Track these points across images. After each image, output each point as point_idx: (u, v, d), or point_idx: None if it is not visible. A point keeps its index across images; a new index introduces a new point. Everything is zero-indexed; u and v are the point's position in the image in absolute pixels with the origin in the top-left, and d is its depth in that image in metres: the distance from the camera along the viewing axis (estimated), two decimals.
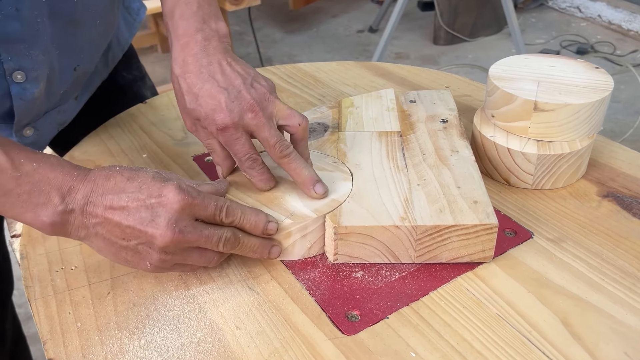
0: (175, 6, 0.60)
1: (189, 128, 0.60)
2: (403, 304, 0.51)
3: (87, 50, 0.70)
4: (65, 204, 0.47)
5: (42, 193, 0.47)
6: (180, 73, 0.58)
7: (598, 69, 0.66)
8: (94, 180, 0.48)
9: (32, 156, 0.47)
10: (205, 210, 0.49)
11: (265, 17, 3.35)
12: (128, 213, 0.48)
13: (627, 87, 2.43)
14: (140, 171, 0.50)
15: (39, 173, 0.47)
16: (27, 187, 0.46)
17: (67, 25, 0.64)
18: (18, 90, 0.62)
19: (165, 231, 0.47)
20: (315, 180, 0.57)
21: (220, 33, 0.60)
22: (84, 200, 0.47)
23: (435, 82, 0.88)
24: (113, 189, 0.48)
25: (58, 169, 0.48)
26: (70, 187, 0.47)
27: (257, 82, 0.58)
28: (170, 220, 0.47)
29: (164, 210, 0.48)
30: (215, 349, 0.48)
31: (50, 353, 0.48)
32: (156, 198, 0.48)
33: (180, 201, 0.48)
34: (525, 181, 0.65)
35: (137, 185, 0.48)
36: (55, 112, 0.71)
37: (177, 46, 0.59)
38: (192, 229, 0.49)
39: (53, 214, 0.47)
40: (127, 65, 0.89)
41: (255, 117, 0.55)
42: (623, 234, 0.58)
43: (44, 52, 0.62)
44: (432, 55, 2.82)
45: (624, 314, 0.49)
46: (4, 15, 0.56)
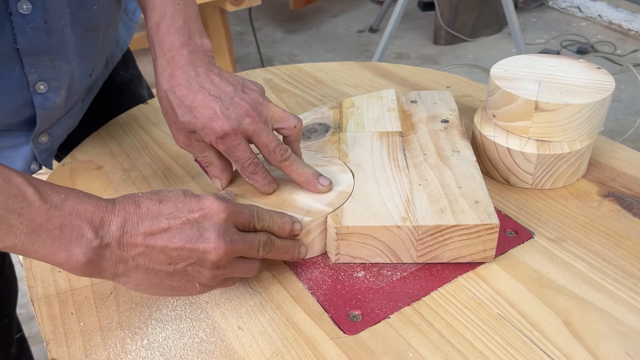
0: (161, 20, 0.60)
1: (182, 143, 0.58)
2: (404, 304, 0.51)
3: (100, 55, 0.71)
4: (100, 238, 0.43)
5: (74, 228, 0.42)
6: (168, 87, 0.57)
7: (600, 69, 0.67)
8: (124, 209, 0.45)
9: (57, 188, 0.44)
10: (242, 218, 0.48)
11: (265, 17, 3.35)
12: (172, 234, 0.45)
13: (627, 86, 2.43)
14: (167, 191, 0.48)
15: (68, 205, 0.43)
16: (57, 222, 0.42)
17: (86, 32, 0.64)
18: (40, 100, 0.62)
19: (218, 243, 0.45)
20: (317, 175, 0.58)
21: (205, 48, 0.60)
22: (120, 231, 0.44)
23: (436, 83, 0.89)
24: (147, 214, 0.45)
25: (86, 200, 0.44)
26: (102, 220, 0.44)
27: (248, 88, 0.58)
28: (220, 232, 0.46)
29: (210, 223, 0.46)
30: (218, 348, 0.48)
31: (53, 353, 0.48)
32: (199, 212, 0.46)
33: (225, 209, 0.46)
34: (525, 181, 0.65)
35: (172, 205, 0.46)
36: (67, 117, 0.72)
37: (163, 60, 0.59)
38: (238, 237, 0.47)
39: (88, 250, 0.43)
40: (124, 65, 0.89)
41: (253, 122, 0.55)
42: (624, 233, 0.58)
43: (67, 62, 0.62)
44: (433, 55, 2.83)
45: (625, 313, 0.49)
46: (32, 28, 0.56)
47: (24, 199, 0.41)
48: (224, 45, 2.22)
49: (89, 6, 0.63)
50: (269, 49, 2.98)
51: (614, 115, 2.26)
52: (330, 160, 0.63)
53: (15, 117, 0.63)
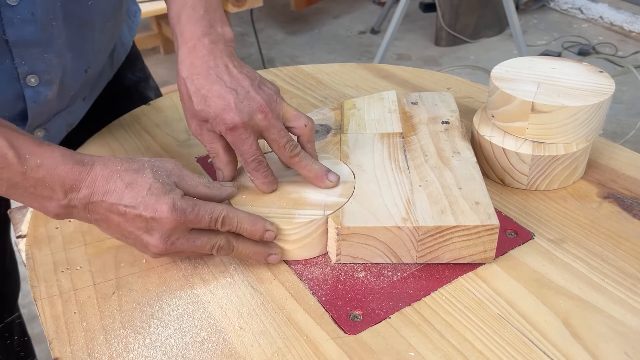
0: (182, 10, 0.61)
1: (194, 131, 0.60)
2: (405, 304, 0.51)
3: (97, 52, 0.71)
4: (68, 199, 0.49)
5: (47, 187, 0.49)
6: (187, 75, 0.58)
7: (602, 72, 0.67)
8: (95, 181, 0.50)
9: (36, 151, 0.49)
10: (199, 224, 0.51)
11: (267, 18, 3.36)
12: (126, 219, 0.50)
13: (629, 88, 2.43)
14: (140, 175, 0.51)
15: (42, 169, 0.48)
16: (32, 182, 0.48)
17: (80, 28, 0.65)
18: (31, 93, 0.62)
19: (158, 243, 0.50)
20: (326, 170, 0.59)
21: (227, 37, 0.61)
22: (86, 199, 0.50)
23: (437, 84, 0.89)
24: (112, 193, 0.50)
25: (61, 166, 0.49)
26: (72, 185, 0.49)
27: (264, 85, 0.59)
28: (163, 235, 0.50)
29: (157, 225, 0.50)
30: (219, 348, 0.48)
31: (56, 352, 0.48)
32: (151, 212, 0.49)
33: (173, 221, 0.50)
34: (520, 181, 0.65)
35: (133, 195, 0.50)
36: (65, 113, 0.72)
37: (184, 49, 0.60)
38: (184, 241, 0.51)
39: (57, 207, 0.50)
40: (132, 66, 0.90)
41: (265, 117, 0.56)
42: (624, 235, 0.58)
43: (58, 56, 0.63)
44: (434, 56, 2.83)
45: (624, 314, 0.49)
46: (20, 19, 0.57)
47: (5, 159, 0.48)
48: None
49: (83, 1, 0.63)
50: (271, 50, 2.98)
51: (615, 117, 2.26)
52: (319, 155, 0.63)
53: (7, 111, 0.63)
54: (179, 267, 0.57)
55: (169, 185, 0.51)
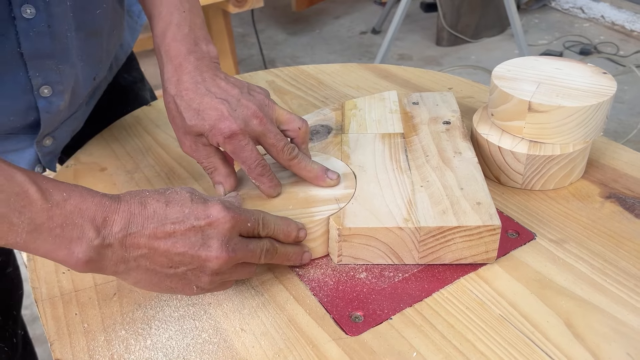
0: (167, 29, 0.61)
1: (188, 149, 0.59)
2: (406, 305, 0.51)
3: (104, 59, 0.71)
4: (101, 237, 0.43)
5: (76, 227, 0.43)
6: (176, 92, 0.58)
7: (605, 74, 0.66)
8: (128, 209, 0.45)
9: (60, 186, 0.44)
10: (246, 225, 0.49)
11: (268, 18, 3.36)
12: (176, 239, 0.45)
13: (630, 87, 2.43)
14: (174, 193, 0.47)
15: (70, 204, 0.43)
16: (59, 220, 0.42)
17: (89, 37, 0.65)
18: (45, 104, 0.62)
19: (220, 253, 0.46)
20: (325, 169, 0.59)
21: (211, 55, 0.61)
22: (123, 232, 0.44)
23: (438, 84, 0.89)
24: (153, 216, 0.45)
25: (89, 199, 0.44)
26: (104, 219, 0.44)
27: (253, 90, 0.59)
28: (223, 241, 0.46)
29: (215, 232, 0.46)
30: (220, 349, 0.48)
31: (57, 354, 0.48)
32: (204, 219, 0.46)
33: (231, 220, 0.47)
34: (515, 180, 0.65)
35: (179, 209, 0.46)
36: (71, 120, 0.72)
37: (170, 67, 0.59)
38: (241, 246, 0.48)
39: (88, 249, 0.43)
40: (128, 67, 0.90)
41: (260, 123, 0.56)
42: (626, 235, 0.58)
43: (71, 66, 0.63)
44: (435, 56, 2.83)
45: (626, 314, 0.49)
46: (35, 32, 0.57)
47: (26, 197, 0.41)
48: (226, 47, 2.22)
49: (92, 10, 0.63)
50: (272, 51, 2.98)
51: (616, 117, 2.26)
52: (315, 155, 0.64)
53: (20, 121, 0.63)
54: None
55: (207, 196, 0.49)
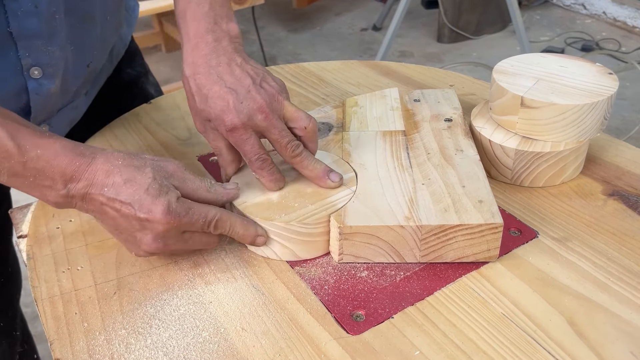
0: (187, 7, 0.61)
1: (199, 129, 0.60)
2: (408, 304, 0.51)
3: (98, 46, 0.71)
4: (67, 189, 0.50)
5: (47, 178, 0.50)
6: (190, 74, 0.58)
7: (611, 74, 0.65)
8: (94, 174, 0.50)
9: (37, 142, 0.49)
10: (192, 227, 0.52)
11: (269, 15, 3.35)
12: (120, 216, 0.51)
13: (632, 84, 2.42)
14: (139, 173, 0.51)
15: (42, 160, 0.49)
16: (33, 172, 0.49)
17: (81, 21, 0.65)
18: (34, 85, 0.63)
19: (151, 243, 0.51)
20: (328, 171, 0.58)
21: (232, 34, 0.60)
22: (84, 190, 0.50)
23: (440, 81, 0.88)
24: (110, 187, 0.50)
25: (61, 156, 0.50)
26: (72, 176, 0.50)
27: (267, 83, 0.58)
28: (157, 237, 0.51)
29: (151, 226, 0.50)
30: (221, 348, 0.48)
31: (57, 353, 0.48)
32: (145, 213, 0.50)
33: (166, 224, 0.50)
34: (504, 175, 0.65)
35: (131, 192, 0.50)
36: (68, 109, 0.73)
37: (188, 47, 0.60)
38: (176, 242, 0.52)
39: (57, 196, 0.50)
40: (131, 62, 0.90)
41: (265, 118, 0.56)
42: (629, 232, 0.58)
43: (61, 49, 0.63)
44: (436, 53, 2.82)
45: (629, 313, 0.49)
46: (23, 11, 0.58)
47: (5, 150, 0.48)
48: None
49: None
50: (273, 48, 2.97)
51: (619, 113, 2.25)
52: None
53: (11, 104, 0.63)
54: (181, 267, 0.56)
55: (167, 187, 0.51)
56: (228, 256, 0.57)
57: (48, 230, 0.62)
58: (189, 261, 0.57)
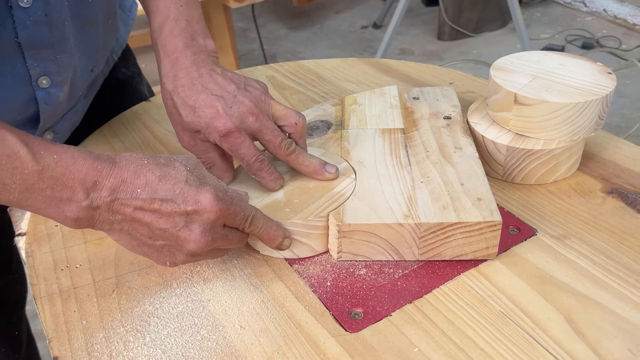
0: (164, 23, 0.61)
1: (186, 144, 0.59)
2: (406, 302, 0.51)
3: (101, 50, 0.71)
4: (90, 200, 0.45)
5: (66, 188, 0.44)
6: (172, 88, 0.58)
7: (610, 74, 0.65)
8: (121, 176, 0.46)
9: (51, 148, 0.45)
10: (234, 219, 0.50)
11: (268, 13, 3.35)
12: (160, 216, 0.46)
13: (633, 82, 2.42)
14: (171, 168, 0.48)
15: (60, 166, 0.44)
16: (49, 182, 0.44)
17: (85, 26, 0.64)
18: (43, 95, 0.62)
19: (199, 238, 0.47)
20: (323, 164, 0.59)
21: (209, 49, 0.61)
22: (111, 197, 0.45)
23: (439, 79, 0.88)
24: (144, 188, 0.46)
25: (80, 161, 0.45)
26: (94, 182, 0.45)
27: (250, 86, 0.58)
28: (205, 228, 0.47)
29: (200, 218, 0.47)
30: (219, 346, 0.48)
31: (56, 351, 0.48)
32: (192, 205, 0.46)
33: (218, 211, 0.47)
34: (496, 171, 0.65)
35: (170, 187, 0.46)
36: (71, 114, 0.72)
37: (167, 62, 0.59)
38: (221, 236, 0.49)
39: (77, 209, 0.45)
40: (125, 62, 0.90)
41: (256, 119, 0.56)
42: (628, 230, 0.58)
43: (69, 56, 0.62)
44: (437, 50, 2.82)
45: (628, 310, 0.49)
46: (33, 21, 0.56)
47: (17, 159, 0.43)
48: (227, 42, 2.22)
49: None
50: (273, 46, 2.97)
51: (618, 111, 2.25)
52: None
53: (19, 114, 0.63)
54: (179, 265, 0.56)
55: (204, 177, 0.49)
56: (226, 254, 0.57)
57: (47, 228, 0.62)
58: None
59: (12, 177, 0.43)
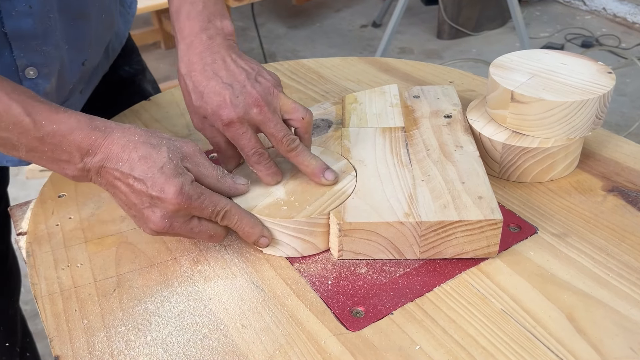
0: (181, 6, 0.61)
1: (197, 126, 0.60)
2: (407, 300, 0.51)
3: (94, 44, 0.71)
4: (83, 163, 0.51)
5: (64, 152, 0.51)
6: (186, 72, 0.59)
7: (610, 73, 0.65)
8: (110, 147, 0.51)
9: (53, 117, 0.50)
10: (201, 213, 0.52)
11: (268, 12, 3.35)
12: (132, 191, 0.51)
13: (632, 80, 2.42)
14: (155, 151, 0.51)
15: (58, 135, 0.50)
16: (50, 146, 0.50)
17: (76, 20, 0.65)
18: (30, 85, 0.63)
19: (159, 221, 0.51)
20: (324, 168, 0.58)
21: (226, 31, 0.61)
22: (100, 164, 0.51)
23: (439, 77, 0.88)
24: (125, 162, 0.51)
25: (77, 131, 0.50)
26: (88, 149, 0.51)
27: (262, 77, 0.58)
28: (165, 215, 0.51)
29: (161, 205, 0.50)
30: (221, 345, 0.48)
31: (57, 350, 0.48)
32: (157, 192, 0.50)
33: (176, 205, 0.50)
34: (492, 168, 0.65)
35: (145, 169, 0.50)
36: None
37: (183, 46, 0.60)
38: (183, 225, 0.52)
39: (74, 169, 0.52)
40: (128, 59, 0.90)
41: (260, 112, 0.56)
42: (628, 228, 0.58)
43: (55, 48, 0.63)
44: (436, 49, 2.81)
45: (629, 309, 0.49)
46: (17, 12, 0.58)
47: (21, 126, 0.49)
48: None
49: None
50: (272, 45, 2.97)
51: (618, 109, 2.25)
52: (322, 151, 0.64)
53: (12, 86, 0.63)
54: (180, 263, 0.56)
55: (182, 169, 0.51)
56: (227, 253, 0.57)
57: (47, 228, 0.62)
58: (188, 258, 0.57)
59: (19, 140, 0.50)
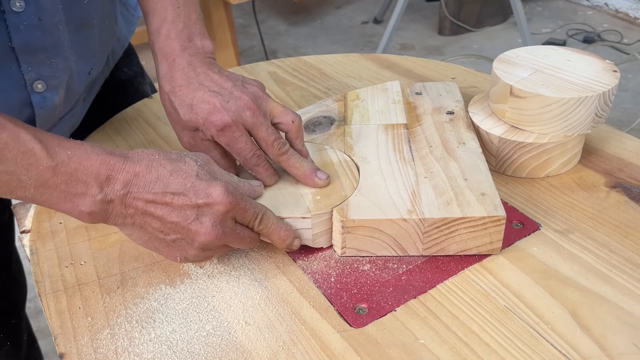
0: (162, 25, 0.61)
1: (187, 144, 0.59)
2: (411, 297, 0.51)
3: (98, 52, 0.71)
4: (104, 193, 0.46)
5: (80, 182, 0.46)
6: (170, 89, 0.58)
7: (615, 72, 0.64)
8: (133, 170, 0.47)
9: (65, 144, 0.46)
10: (244, 215, 0.50)
11: (269, 9, 3.34)
12: (172, 209, 0.47)
13: (634, 76, 2.41)
14: (182, 163, 0.49)
15: (74, 161, 0.45)
16: (63, 177, 0.45)
17: (80, 28, 0.64)
18: (39, 99, 0.62)
19: (210, 230, 0.48)
20: (315, 169, 0.58)
21: (206, 50, 0.61)
22: (124, 190, 0.47)
23: (441, 74, 0.88)
24: (156, 182, 0.47)
25: (93, 157, 0.46)
26: (108, 177, 0.46)
27: (248, 84, 0.58)
28: (216, 221, 0.48)
29: (210, 211, 0.48)
30: (224, 342, 0.48)
31: (61, 348, 0.48)
32: (203, 198, 0.48)
33: (228, 204, 0.48)
34: (489, 162, 0.66)
35: (181, 182, 0.48)
36: (69, 117, 0.71)
37: (164, 64, 0.60)
38: (231, 230, 0.50)
39: (91, 203, 0.46)
40: (127, 61, 0.89)
41: (253, 115, 0.56)
42: (631, 225, 0.58)
43: (64, 59, 0.62)
44: (438, 45, 2.81)
45: (632, 305, 0.49)
46: (26, 25, 0.56)
47: (32, 155, 0.44)
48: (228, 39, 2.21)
49: (80, 1, 0.62)
50: (273, 42, 2.97)
51: (620, 105, 2.25)
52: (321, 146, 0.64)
53: (15, 118, 0.62)
54: None
55: (214, 173, 0.50)
56: (230, 250, 0.57)
57: (51, 226, 0.62)
58: None
59: (28, 173, 0.44)
